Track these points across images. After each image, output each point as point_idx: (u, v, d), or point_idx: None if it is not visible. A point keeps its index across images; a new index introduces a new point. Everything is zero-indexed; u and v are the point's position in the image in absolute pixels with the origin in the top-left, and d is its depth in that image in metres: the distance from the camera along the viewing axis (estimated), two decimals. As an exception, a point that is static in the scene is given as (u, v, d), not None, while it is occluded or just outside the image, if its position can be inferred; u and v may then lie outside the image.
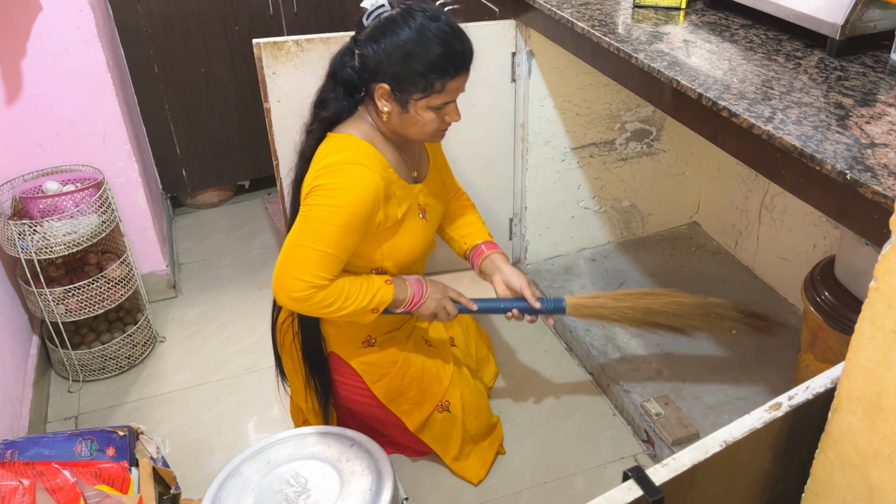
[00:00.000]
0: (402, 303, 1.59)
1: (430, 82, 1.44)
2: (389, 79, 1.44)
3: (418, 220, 1.60)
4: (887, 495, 0.74)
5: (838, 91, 1.26)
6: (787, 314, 2.18)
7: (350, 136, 1.50)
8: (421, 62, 1.42)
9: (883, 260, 0.69)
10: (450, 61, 1.44)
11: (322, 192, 1.44)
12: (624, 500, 0.70)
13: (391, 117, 1.49)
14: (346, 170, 1.45)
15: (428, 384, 1.73)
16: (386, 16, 1.44)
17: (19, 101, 2.03)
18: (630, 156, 2.37)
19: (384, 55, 1.42)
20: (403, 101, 1.46)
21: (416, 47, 1.41)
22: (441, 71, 1.43)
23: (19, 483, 1.25)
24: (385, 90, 1.45)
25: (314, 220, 1.44)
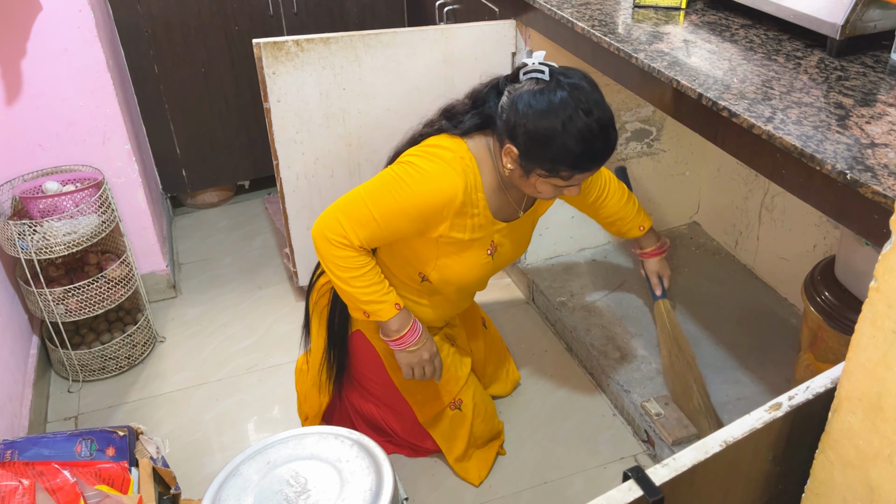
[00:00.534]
0: (391, 332, 1.56)
1: (557, 170, 1.39)
2: (520, 146, 1.38)
3: (484, 255, 1.57)
4: (887, 495, 0.74)
5: (838, 91, 1.26)
6: (787, 314, 2.18)
7: (462, 143, 1.47)
8: (554, 150, 1.36)
9: (883, 260, 0.69)
10: (583, 160, 1.37)
11: (407, 167, 1.45)
12: (624, 500, 0.70)
13: (511, 174, 1.45)
14: (438, 164, 1.44)
15: (445, 381, 1.75)
16: (541, 86, 1.36)
17: (19, 101, 2.03)
18: (630, 156, 2.37)
19: (522, 125, 1.36)
20: (527, 169, 1.41)
21: (555, 134, 1.34)
22: (571, 165, 1.38)
23: (19, 483, 1.25)
24: (513, 153, 1.40)
25: (383, 185, 1.45)
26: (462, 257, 1.54)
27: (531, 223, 1.68)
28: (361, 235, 1.46)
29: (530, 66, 1.40)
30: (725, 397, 1.91)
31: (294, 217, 2.13)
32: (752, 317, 2.18)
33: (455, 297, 1.69)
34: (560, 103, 1.34)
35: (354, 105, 1.99)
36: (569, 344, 2.20)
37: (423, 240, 1.52)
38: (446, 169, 1.43)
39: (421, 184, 1.43)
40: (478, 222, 1.51)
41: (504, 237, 1.59)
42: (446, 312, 1.74)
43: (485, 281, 1.69)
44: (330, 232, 1.47)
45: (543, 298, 2.31)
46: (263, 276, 2.57)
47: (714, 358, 2.03)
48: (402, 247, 1.57)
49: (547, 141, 1.35)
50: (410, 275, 1.61)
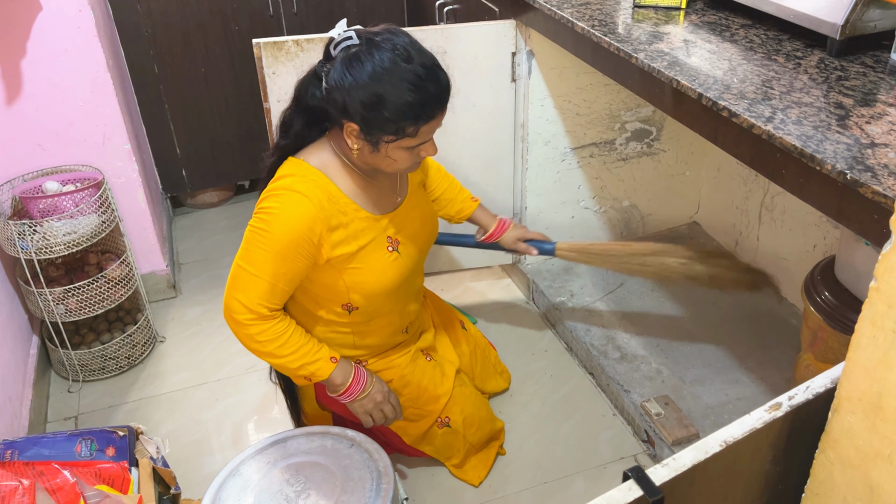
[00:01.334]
0: (337, 387, 1.52)
1: (401, 128, 1.33)
2: (358, 120, 1.33)
3: (386, 254, 1.51)
4: (887, 495, 0.74)
5: (838, 91, 1.26)
6: (787, 314, 2.18)
7: (301, 163, 1.43)
8: (390, 109, 1.31)
9: (883, 260, 0.69)
10: (422, 108, 1.32)
11: (259, 215, 1.41)
12: (624, 500, 0.70)
13: (362, 153, 1.40)
14: (283, 195, 1.39)
15: (424, 403, 1.71)
16: (353, 51, 1.32)
17: (19, 101, 2.03)
18: (630, 156, 2.37)
19: (350, 95, 1.31)
20: (373, 141, 1.36)
21: (384, 92, 1.29)
22: (413, 118, 1.33)
23: (19, 483, 1.25)
24: (354, 128, 1.35)
25: (250, 243, 1.42)
26: (366, 267, 1.49)
27: (421, 198, 1.63)
28: (264, 301, 1.42)
29: (337, 38, 1.36)
30: (725, 397, 1.91)
31: (294, 217, 2.13)
32: (752, 317, 2.18)
33: (392, 307, 1.61)
34: (378, 61, 1.30)
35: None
36: (569, 344, 2.20)
37: (319, 271, 1.47)
38: (293, 197, 1.38)
39: (275, 222, 1.38)
40: (358, 227, 1.46)
41: (398, 227, 1.53)
42: (396, 325, 1.66)
43: (413, 279, 1.62)
44: (235, 314, 1.43)
45: (543, 298, 2.31)
46: (263, 276, 2.56)
47: (714, 358, 2.03)
48: (310, 287, 1.52)
49: (380, 102, 1.30)
50: (337, 312, 1.55)
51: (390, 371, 1.67)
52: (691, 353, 2.05)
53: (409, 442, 1.74)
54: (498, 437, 1.88)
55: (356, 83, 1.30)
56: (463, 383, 1.80)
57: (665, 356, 2.05)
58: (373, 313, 1.58)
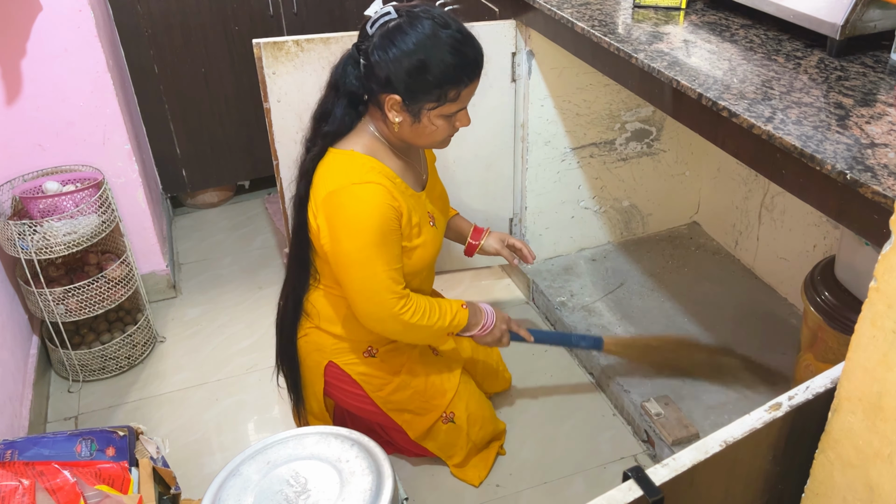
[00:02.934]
0: (474, 327, 1.63)
1: (444, 92, 1.40)
2: (401, 90, 1.39)
3: (429, 228, 1.58)
4: (887, 495, 0.74)
5: (838, 91, 1.26)
6: (787, 314, 2.18)
7: (352, 153, 1.47)
8: (434, 73, 1.38)
9: (883, 260, 0.69)
10: (463, 70, 1.40)
11: (343, 229, 1.43)
12: (624, 500, 0.70)
13: (402, 127, 1.46)
14: (355, 192, 1.43)
15: (430, 396, 1.72)
16: (394, 24, 1.39)
17: (19, 101, 2.03)
18: (630, 156, 2.37)
19: (394, 66, 1.37)
20: (415, 111, 1.42)
21: (427, 57, 1.36)
22: (455, 80, 1.40)
23: (19, 483, 1.25)
24: (396, 101, 1.41)
25: (355, 261, 1.45)
26: (420, 242, 1.55)
27: (436, 174, 1.72)
28: (393, 286, 1.47)
29: (376, 15, 1.42)
30: (725, 397, 1.91)
31: (294, 217, 2.13)
32: (752, 317, 2.18)
33: (419, 285, 1.67)
34: (421, 29, 1.37)
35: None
36: (569, 344, 2.20)
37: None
38: (364, 189, 1.42)
39: (366, 220, 1.42)
40: (410, 204, 1.52)
41: (432, 202, 1.63)
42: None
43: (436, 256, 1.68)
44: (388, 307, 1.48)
45: (543, 298, 2.31)
46: (263, 276, 2.57)
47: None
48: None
49: (423, 67, 1.37)
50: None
51: (400, 359, 1.69)
52: (691, 353, 2.05)
53: (414, 437, 1.74)
54: (500, 437, 1.88)
55: (400, 52, 1.37)
56: (467, 380, 1.81)
57: (665, 356, 2.04)
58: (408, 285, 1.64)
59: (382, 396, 1.68)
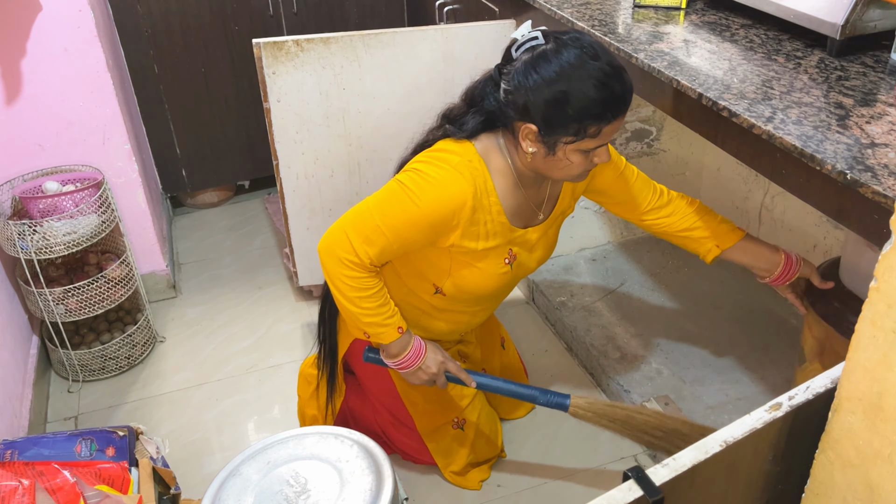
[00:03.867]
0: (391, 355, 1.53)
1: (584, 127, 1.30)
2: (538, 120, 1.31)
3: (501, 265, 1.49)
4: (887, 495, 0.74)
5: (838, 91, 1.26)
6: (787, 314, 2.18)
7: (470, 146, 1.41)
8: (575, 106, 1.28)
9: (883, 260, 0.69)
10: (607, 106, 1.29)
11: (413, 175, 1.38)
12: (624, 500, 0.70)
13: (535, 158, 1.37)
14: (445, 169, 1.37)
15: (449, 399, 1.72)
16: (539, 50, 1.30)
17: (19, 101, 2.03)
18: (630, 156, 2.37)
19: (533, 94, 1.29)
20: (551, 143, 1.33)
21: (570, 89, 1.27)
22: (597, 116, 1.29)
23: (19, 483, 1.25)
24: (531, 131, 1.33)
25: (391, 196, 1.39)
26: (477, 267, 1.48)
27: (556, 227, 1.60)
28: (371, 253, 1.40)
29: (522, 38, 1.34)
30: (725, 397, 1.91)
31: (294, 217, 2.13)
32: (752, 317, 2.18)
33: (470, 310, 1.61)
34: (566, 58, 1.28)
35: (354, 105, 1.99)
36: (569, 344, 2.20)
37: (435, 250, 1.46)
38: (454, 175, 1.37)
39: (428, 192, 1.36)
40: (492, 229, 1.44)
41: (524, 244, 1.52)
42: (460, 327, 1.66)
43: (504, 292, 1.62)
44: (340, 249, 1.40)
45: (543, 298, 2.31)
46: (263, 276, 2.57)
47: (714, 358, 2.03)
48: (416, 258, 1.51)
49: (565, 99, 1.28)
50: (424, 287, 1.55)
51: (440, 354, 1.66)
52: (691, 353, 2.05)
53: (421, 430, 1.74)
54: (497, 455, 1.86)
55: (541, 80, 1.28)
56: (482, 395, 1.81)
57: (665, 356, 2.05)
58: (453, 306, 1.58)
59: (406, 387, 1.69)
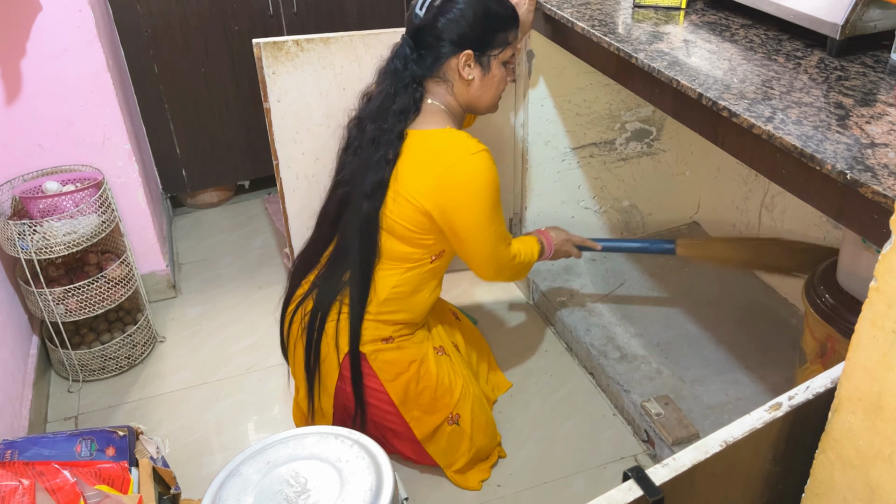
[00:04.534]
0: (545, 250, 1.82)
1: (506, 36, 1.57)
2: (472, 41, 1.53)
3: None
4: (887, 495, 0.74)
5: (838, 91, 1.26)
6: (787, 314, 2.18)
7: (450, 130, 1.56)
8: (498, 15, 1.54)
9: (883, 260, 0.69)
10: (514, 12, 1.58)
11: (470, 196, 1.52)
12: (624, 500, 0.70)
13: (473, 84, 1.58)
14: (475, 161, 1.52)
15: (440, 394, 1.73)
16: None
17: (19, 101, 2.03)
18: (630, 156, 2.37)
19: (463, 21, 1.51)
20: (486, 62, 1.57)
21: (487, 5, 1.53)
22: (512, 22, 1.58)
23: (19, 483, 1.25)
24: (469, 55, 1.54)
25: (481, 223, 1.55)
26: None
27: None
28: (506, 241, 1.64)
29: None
30: (725, 397, 1.91)
31: (294, 217, 2.13)
32: (752, 317, 2.18)
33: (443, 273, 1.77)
34: None
35: (354, 105, 1.98)
36: (569, 344, 2.20)
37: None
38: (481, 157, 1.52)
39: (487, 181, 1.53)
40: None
41: None
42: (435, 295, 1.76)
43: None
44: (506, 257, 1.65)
45: (543, 298, 2.31)
46: (263, 276, 2.57)
47: (714, 358, 2.03)
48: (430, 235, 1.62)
49: (487, 13, 1.53)
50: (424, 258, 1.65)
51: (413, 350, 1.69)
52: (691, 353, 2.05)
53: (420, 436, 1.74)
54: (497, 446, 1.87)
55: (464, 5, 1.51)
56: (473, 383, 1.82)
57: (665, 356, 2.05)
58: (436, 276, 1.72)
59: (397, 387, 1.69)
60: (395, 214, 1.56)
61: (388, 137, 1.55)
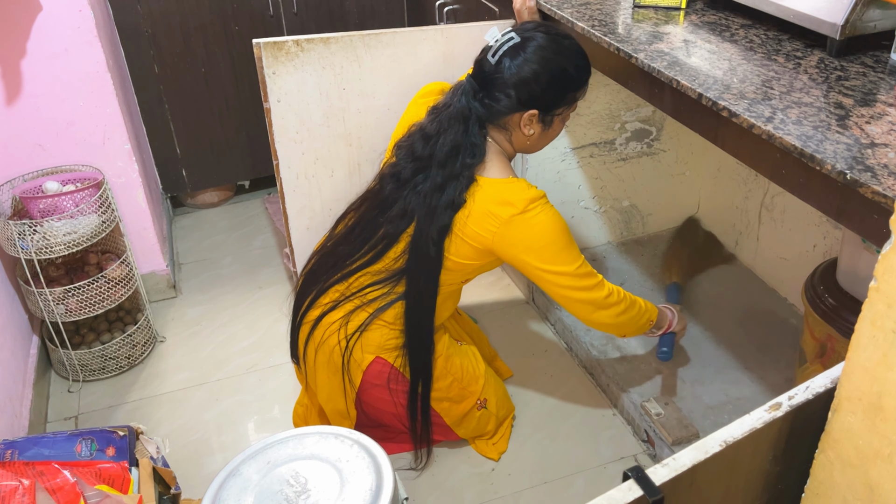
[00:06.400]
0: (664, 322, 1.79)
1: (576, 95, 1.54)
2: (540, 103, 1.50)
3: None
4: (887, 495, 0.74)
5: (838, 91, 1.26)
6: (787, 314, 2.18)
7: (513, 179, 1.55)
8: (573, 80, 1.51)
9: (883, 260, 0.69)
10: (588, 72, 1.54)
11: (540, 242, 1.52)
12: (624, 500, 0.70)
13: (532, 138, 1.57)
14: (540, 209, 1.51)
15: (467, 383, 1.78)
16: (519, 44, 1.48)
17: (19, 101, 2.03)
18: (630, 156, 2.37)
19: (536, 83, 1.47)
20: (549, 120, 1.54)
21: (566, 68, 1.49)
22: (584, 82, 1.55)
23: (19, 483, 1.25)
24: (533, 115, 1.51)
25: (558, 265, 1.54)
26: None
27: None
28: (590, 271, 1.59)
29: (498, 43, 1.50)
30: (725, 397, 1.91)
31: (294, 217, 2.13)
32: (752, 317, 2.18)
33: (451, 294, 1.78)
34: (544, 44, 1.48)
35: (354, 105, 1.98)
36: (569, 344, 2.20)
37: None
38: (547, 207, 1.52)
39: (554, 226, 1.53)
40: None
41: None
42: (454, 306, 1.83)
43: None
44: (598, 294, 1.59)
45: (543, 298, 2.31)
46: (263, 276, 2.57)
47: (714, 358, 2.03)
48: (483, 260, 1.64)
49: (563, 77, 1.49)
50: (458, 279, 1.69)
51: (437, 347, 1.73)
52: (691, 353, 2.05)
53: (450, 423, 1.80)
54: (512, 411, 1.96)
55: (538, 68, 1.47)
56: (487, 366, 1.89)
57: (665, 356, 2.04)
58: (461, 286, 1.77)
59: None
60: (450, 252, 1.59)
61: (455, 184, 1.54)
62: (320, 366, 1.74)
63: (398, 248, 1.63)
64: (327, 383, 1.75)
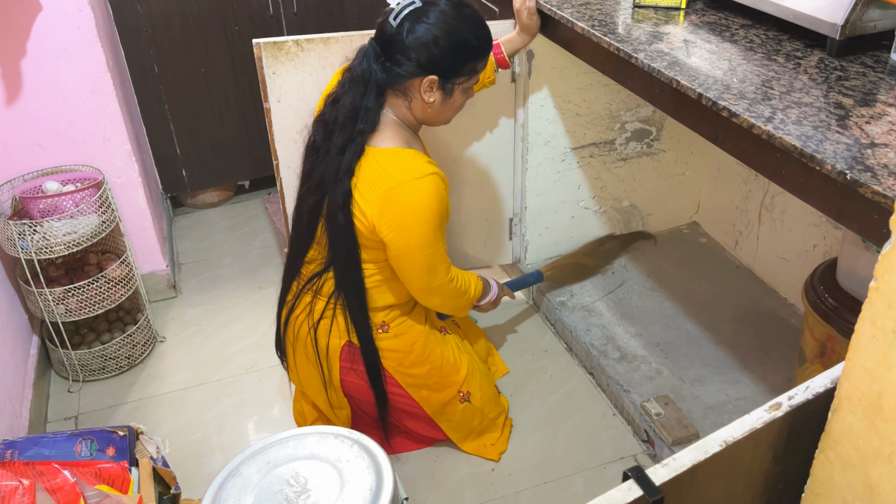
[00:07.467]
0: (483, 297, 1.80)
1: (476, 65, 1.54)
2: (440, 69, 1.49)
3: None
4: (887, 495, 0.74)
5: (838, 91, 1.26)
6: (787, 314, 2.18)
7: (397, 150, 1.53)
8: (472, 49, 1.51)
9: (883, 260, 0.69)
10: (489, 41, 1.55)
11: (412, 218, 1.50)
12: (624, 500, 0.70)
13: (433, 106, 1.55)
14: (419, 185, 1.49)
15: (447, 373, 1.77)
16: (420, 10, 1.47)
17: (19, 101, 2.03)
18: (630, 156, 2.37)
19: (434, 47, 1.46)
20: (449, 88, 1.53)
21: (465, 35, 1.49)
22: (485, 52, 1.54)
23: (19, 483, 1.25)
24: (433, 81, 1.50)
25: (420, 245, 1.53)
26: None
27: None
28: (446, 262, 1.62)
29: (400, 6, 1.48)
30: (725, 397, 1.91)
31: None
32: (752, 317, 2.18)
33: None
34: (447, 10, 1.47)
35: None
36: (569, 344, 2.20)
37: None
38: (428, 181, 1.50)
39: (429, 207, 1.50)
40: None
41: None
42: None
43: None
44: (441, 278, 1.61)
45: (543, 298, 2.31)
46: (263, 276, 2.57)
47: (714, 358, 2.03)
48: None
49: (463, 44, 1.49)
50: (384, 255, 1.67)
51: (412, 335, 1.72)
52: (691, 353, 2.05)
53: (431, 412, 1.79)
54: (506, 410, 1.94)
55: (440, 34, 1.46)
56: (476, 359, 1.88)
57: (665, 356, 2.05)
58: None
59: (402, 371, 1.72)
60: (364, 226, 1.57)
61: (352, 149, 1.53)
62: (300, 361, 1.76)
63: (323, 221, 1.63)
64: (309, 377, 1.76)
